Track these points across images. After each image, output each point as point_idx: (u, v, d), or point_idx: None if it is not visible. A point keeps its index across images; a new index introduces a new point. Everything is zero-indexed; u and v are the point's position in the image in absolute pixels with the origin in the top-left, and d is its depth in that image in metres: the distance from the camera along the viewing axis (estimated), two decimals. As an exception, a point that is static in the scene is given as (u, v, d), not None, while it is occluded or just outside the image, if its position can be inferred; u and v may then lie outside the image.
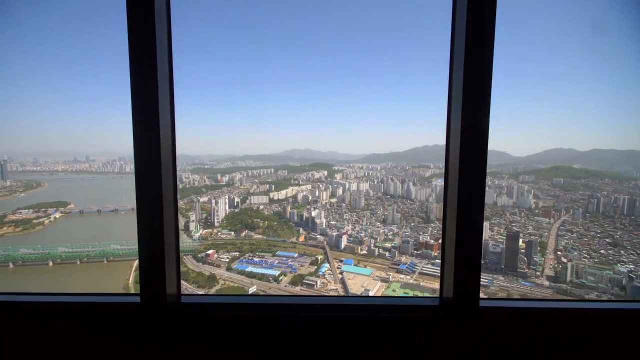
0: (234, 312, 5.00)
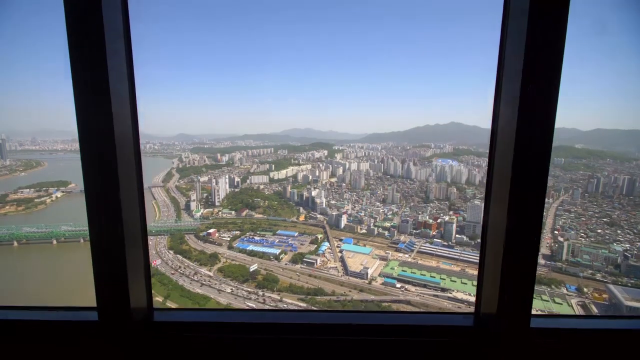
0: (218, 334, 4.19)
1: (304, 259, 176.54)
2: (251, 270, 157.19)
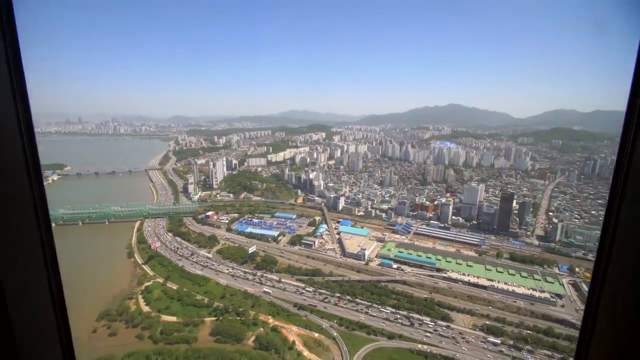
0: None
1: (302, 241, 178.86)
2: (250, 252, 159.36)
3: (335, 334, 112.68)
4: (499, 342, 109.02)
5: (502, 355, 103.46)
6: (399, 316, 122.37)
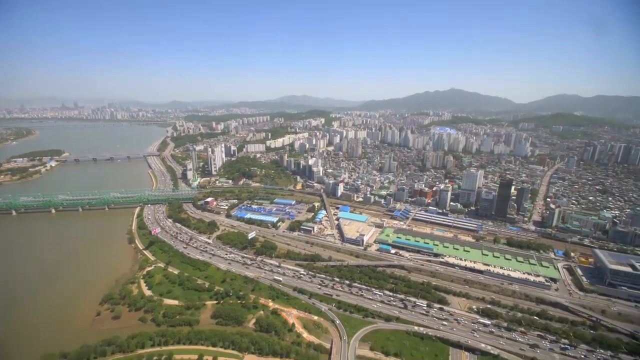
0: None
1: (302, 227, 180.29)
2: (250, 237, 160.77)
3: (333, 317, 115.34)
4: (489, 323, 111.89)
5: (494, 335, 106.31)
6: (396, 299, 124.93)
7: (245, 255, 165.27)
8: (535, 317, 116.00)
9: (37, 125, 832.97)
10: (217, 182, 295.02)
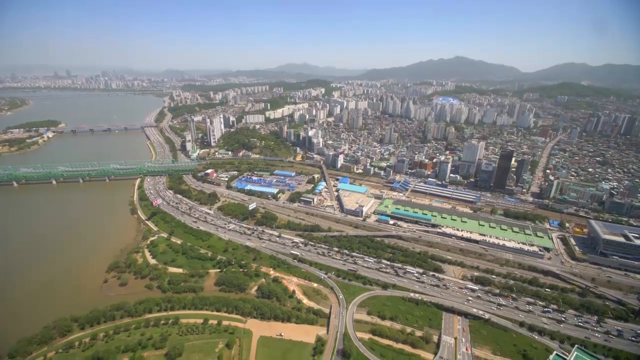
0: None
1: (301, 198, 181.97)
2: (250, 208, 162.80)
3: (333, 284, 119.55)
4: (476, 288, 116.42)
5: (483, 300, 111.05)
6: (388, 267, 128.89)
7: (245, 225, 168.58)
8: (526, 285, 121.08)
9: (30, 95, 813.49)
10: (216, 153, 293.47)
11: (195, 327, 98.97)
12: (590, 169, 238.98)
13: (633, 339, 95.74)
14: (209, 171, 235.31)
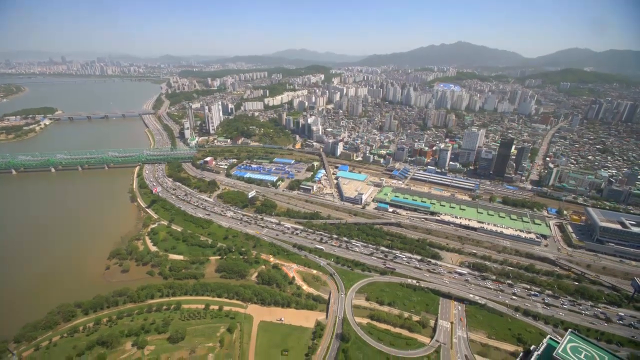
0: None
1: (301, 186, 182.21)
2: (250, 196, 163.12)
3: (332, 271, 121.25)
4: (465, 272, 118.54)
5: (481, 287, 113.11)
6: (392, 255, 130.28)
7: (245, 213, 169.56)
8: (522, 271, 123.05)
9: (25, 81, 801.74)
10: (215, 141, 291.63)
11: (197, 312, 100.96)
12: (590, 157, 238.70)
13: (622, 322, 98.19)
14: (208, 159, 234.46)
